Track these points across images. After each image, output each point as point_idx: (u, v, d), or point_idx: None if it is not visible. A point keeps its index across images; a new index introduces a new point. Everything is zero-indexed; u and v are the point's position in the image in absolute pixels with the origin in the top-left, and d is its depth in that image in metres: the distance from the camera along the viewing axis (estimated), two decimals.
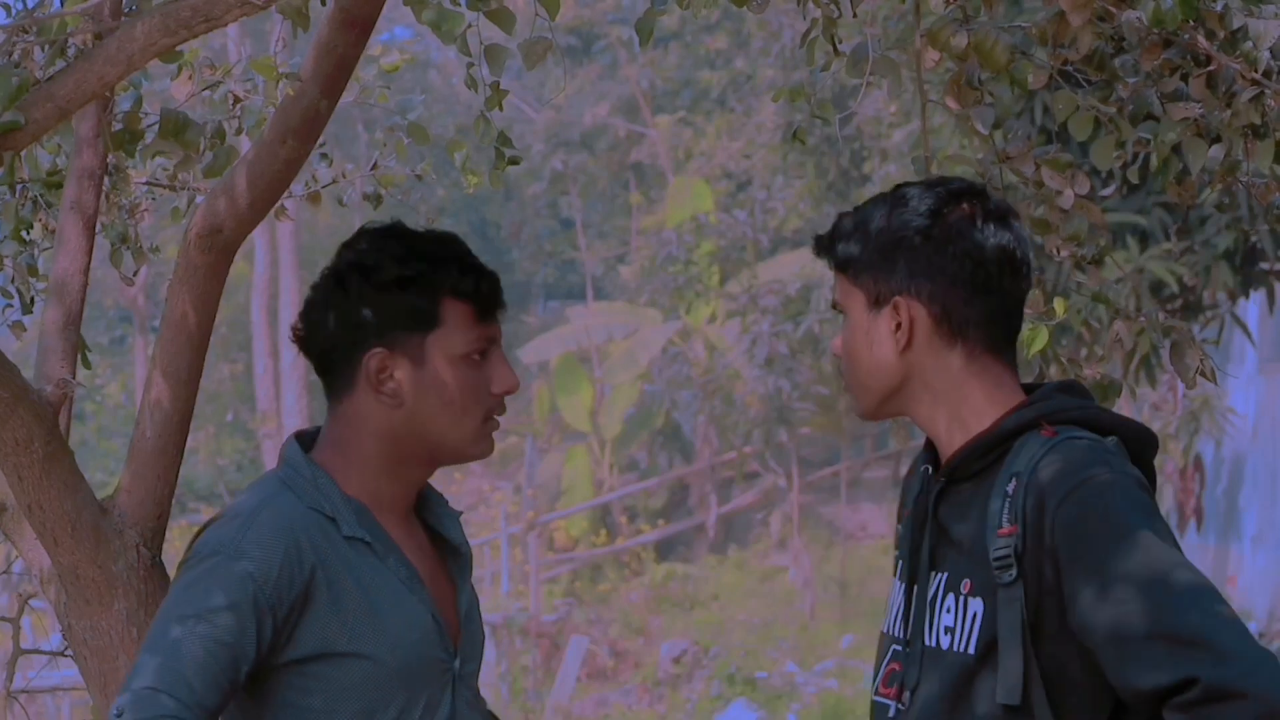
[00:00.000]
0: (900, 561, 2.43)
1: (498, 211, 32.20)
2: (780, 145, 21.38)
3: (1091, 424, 2.31)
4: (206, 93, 3.72)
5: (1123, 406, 14.53)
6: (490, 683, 17.97)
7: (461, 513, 2.58)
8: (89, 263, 3.26)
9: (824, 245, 2.42)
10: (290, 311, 27.69)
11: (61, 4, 3.01)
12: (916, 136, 13.73)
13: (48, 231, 3.73)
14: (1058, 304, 3.05)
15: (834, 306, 2.43)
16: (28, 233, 3.78)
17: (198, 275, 3.06)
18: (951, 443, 2.35)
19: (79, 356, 3.27)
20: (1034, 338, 3.05)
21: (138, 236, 3.91)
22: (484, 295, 2.41)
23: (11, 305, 3.90)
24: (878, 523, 22.59)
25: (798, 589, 21.18)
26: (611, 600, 21.66)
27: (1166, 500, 15.30)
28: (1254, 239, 9.28)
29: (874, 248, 2.34)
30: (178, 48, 2.84)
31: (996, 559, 2.23)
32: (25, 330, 3.98)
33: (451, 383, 2.39)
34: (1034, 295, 3.04)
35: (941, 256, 2.31)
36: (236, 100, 3.72)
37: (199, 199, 3.90)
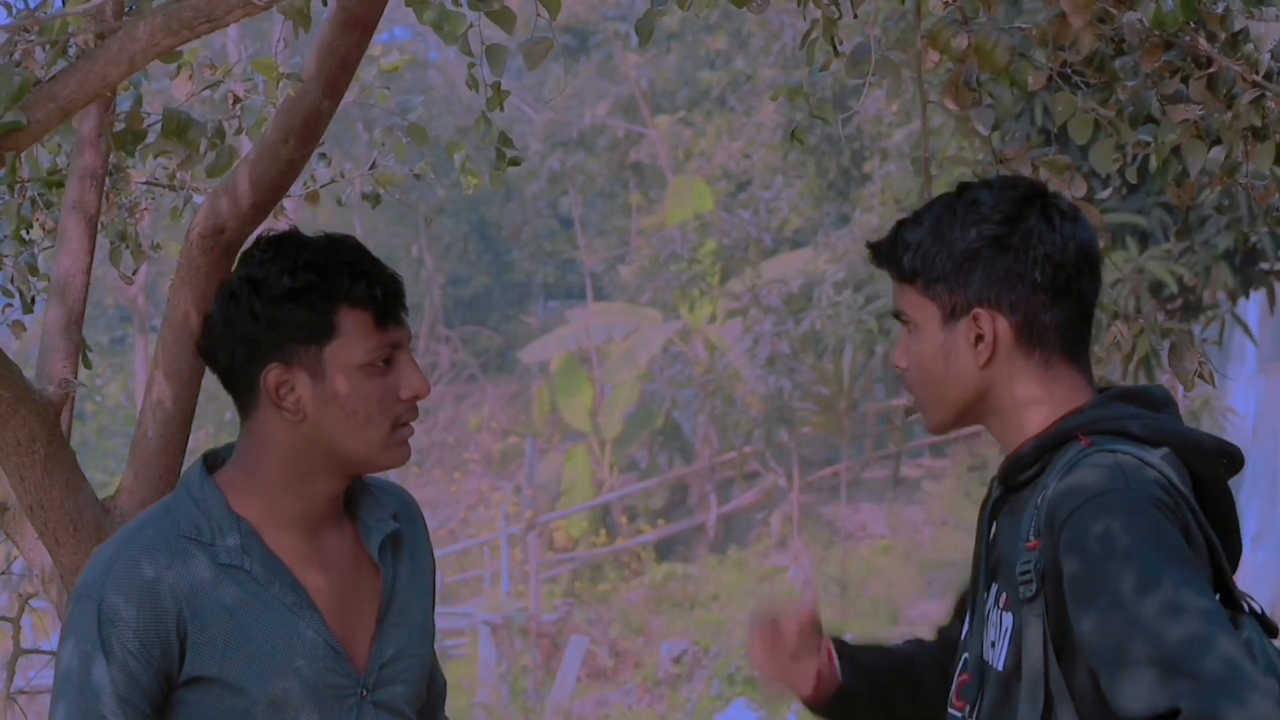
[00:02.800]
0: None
1: (498, 211, 32.18)
2: (780, 145, 21.38)
3: (1136, 434, 2.22)
4: (207, 92, 3.73)
5: None
6: (490, 683, 17.98)
7: (394, 526, 2.46)
8: (91, 262, 3.26)
9: (886, 255, 2.33)
10: None
11: (63, 4, 3.01)
12: (916, 137, 13.71)
13: (46, 231, 3.73)
14: None
15: (896, 317, 2.35)
16: (28, 232, 3.78)
17: (199, 275, 3.06)
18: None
19: (80, 356, 3.28)
20: None
21: (137, 235, 3.91)
22: (381, 301, 2.34)
23: (12, 305, 3.90)
24: (878, 523, 22.58)
25: (798, 589, 21.17)
26: (611, 600, 21.66)
27: None
28: (1254, 240, 9.29)
29: (948, 258, 2.26)
30: (179, 48, 2.84)
31: (1021, 573, 2.19)
32: (25, 330, 3.98)
33: (353, 394, 2.31)
34: None
35: (1022, 263, 2.24)
36: (236, 100, 3.73)
37: (197, 199, 3.91)
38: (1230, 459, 2.26)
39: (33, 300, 3.82)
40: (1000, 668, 2.23)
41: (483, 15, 2.76)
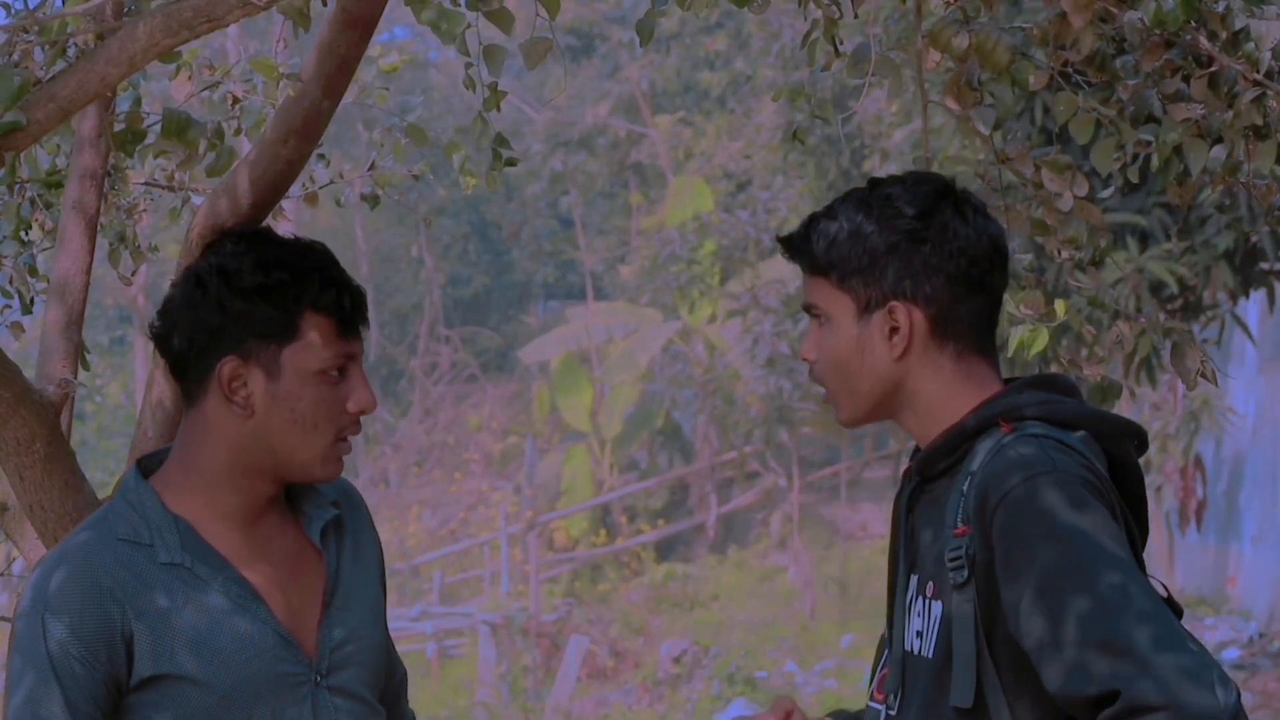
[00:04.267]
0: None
1: (498, 211, 32.19)
2: (780, 145, 21.39)
3: (1055, 419, 2.25)
4: (206, 93, 3.72)
5: (1122, 407, 14.53)
6: (490, 683, 17.98)
7: (333, 512, 2.46)
8: (90, 263, 3.26)
9: (799, 249, 2.35)
10: None
11: (63, 4, 3.01)
12: (917, 136, 13.71)
13: (45, 232, 3.73)
14: (1058, 305, 3.04)
15: (807, 310, 2.37)
16: (27, 233, 3.78)
17: None
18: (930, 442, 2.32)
19: (79, 357, 3.27)
20: (1034, 339, 3.04)
21: (136, 236, 3.91)
22: (346, 310, 2.34)
23: (11, 306, 3.90)
24: (878, 523, 22.59)
25: (798, 589, 21.18)
26: (611, 600, 21.67)
27: (1166, 500, 15.31)
28: (1254, 239, 9.28)
29: (864, 251, 2.28)
30: (179, 48, 2.84)
31: (950, 560, 2.20)
32: (24, 331, 3.98)
33: (305, 398, 2.31)
34: (1034, 296, 3.03)
35: (937, 257, 2.27)
36: (235, 101, 3.72)
37: (195, 200, 3.90)
38: (1139, 440, 2.31)
39: (32, 301, 3.82)
40: (931, 656, 2.24)
41: (481, 15, 2.75)
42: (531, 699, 18.24)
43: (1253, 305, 11.45)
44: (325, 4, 3.24)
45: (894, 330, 2.28)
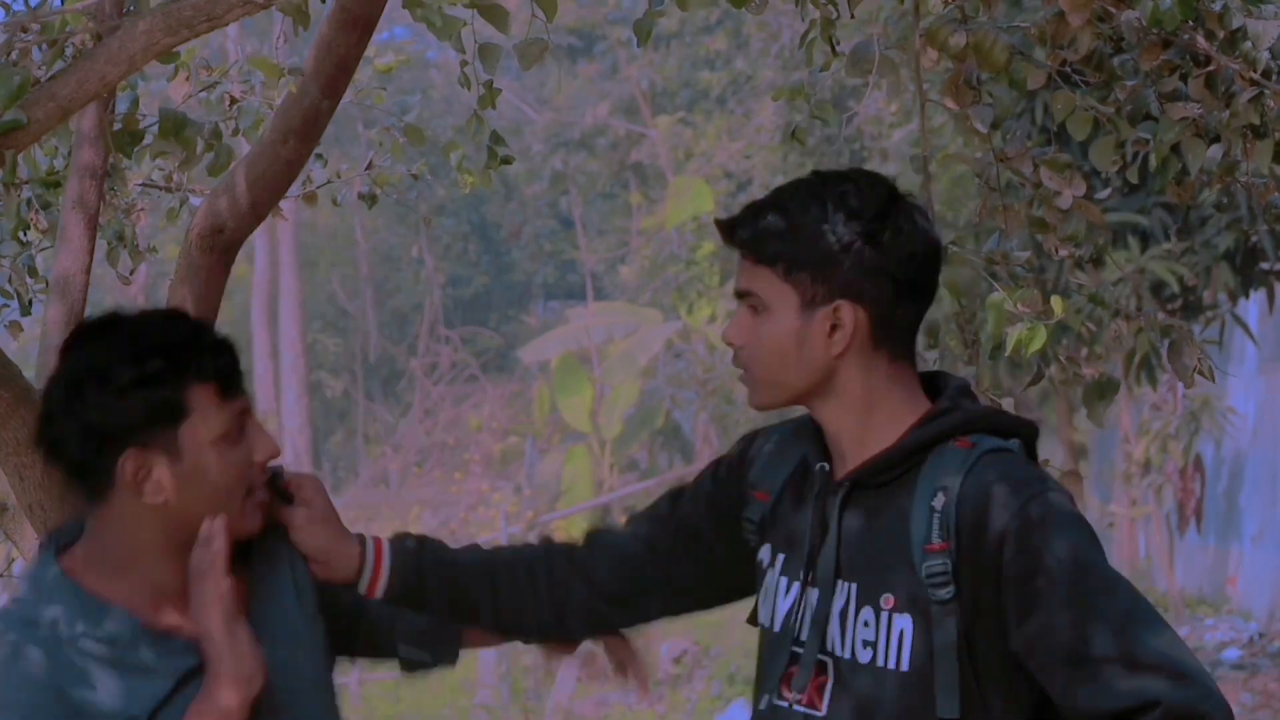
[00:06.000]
0: (785, 557, 2.39)
1: (498, 211, 32.19)
2: (780, 146, 21.37)
3: (996, 429, 2.29)
4: (203, 94, 3.73)
5: (1122, 407, 14.53)
6: (490, 683, 17.97)
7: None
8: (90, 261, 3.26)
9: (744, 238, 2.33)
10: (290, 312, 27.72)
11: (61, 3, 3.01)
12: (916, 136, 13.71)
13: (43, 232, 3.73)
14: (1056, 303, 3.04)
15: (741, 295, 2.34)
16: (26, 233, 3.78)
17: (199, 275, 3.06)
18: (860, 446, 2.31)
19: None
20: (1032, 337, 3.04)
21: (134, 236, 3.91)
22: (226, 371, 2.32)
23: (10, 305, 3.90)
24: None
25: None
26: None
27: (1166, 500, 15.31)
28: (1254, 239, 9.28)
29: (817, 248, 2.27)
30: (177, 48, 2.84)
31: (930, 576, 2.21)
32: (23, 330, 3.98)
33: (212, 467, 2.29)
34: (1032, 294, 3.03)
35: (888, 260, 2.27)
36: (233, 101, 3.73)
37: (194, 200, 3.91)
38: (1037, 433, 2.36)
39: (30, 301, 3.82)
40: (904, 669, 2.24)
41: (477, 14, 2.75)
42: (531, 699, 18.24)
43: (1253, 305, 11.45)
44: (324, 3, 3.24)
45: (835, 328, 2.28)
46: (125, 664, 2.28)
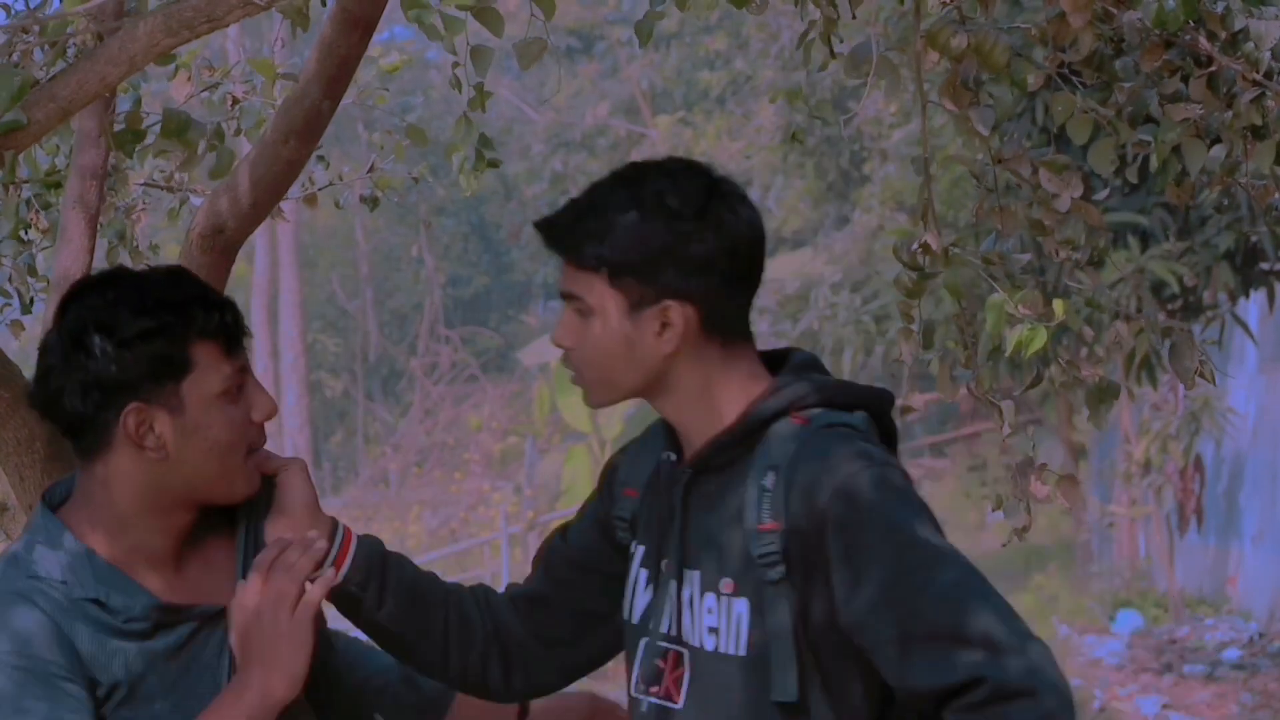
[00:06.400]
0: (644, 549, 2.38)
1: (498, 211, 32.19)
2: (780, 146, 21.37)
3: (837, 403, 2.27)
4: (205, 93, 3.73)
5: (1122, 407, 14.53)
6: None
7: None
8: (91, 261, 3.26)
9: (565, 244, 2.30)
10: (290, 311, 27.72)
11: (60, 4, 3.01)
12: (916, 136, 13.70)
13: (43, 232, 3.73)
14: (1057, 305, 3.03)
15: (565, 297, 2.32)
16: (26, 232, 3.78)
17: (200, 274, 3.05)
18: (702, 433, 2.30)
19: None
20: (1032, 338, 3.03)
21: (135, 235, 3.91)
22: (230, 328, 2.33)
23: (10, 305, 3.91)
24: None
25: None
26: None
27: (1166, 500, 15.31)
28: (1254, 239, 9.28)
29: (638, 251, 2.25)
30: (178, 48, 2.84)
31: (761, 556, 2.19)
32: (24, 329, 3.98)
33: (214, 423, 2.30)
34: (1032, 295, 3.03)
35: (711, 255, 2.25)
36: (235, 101, 3.73)
37: (194, 200, 3.91)
38: (893, 403, 2.34)
39: (31, 300, 3.82)
40: (741, 653, 2.22)
41: (470, 15, 2.75)
42: None
43: (1253, 305, 11.45)
44: (325, 4, 3.24)
45: (665, 326, 2.26)
46: (117, 629, 2.29)
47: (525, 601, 2.51)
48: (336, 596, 2.42)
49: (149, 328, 2.27)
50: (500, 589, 2.54)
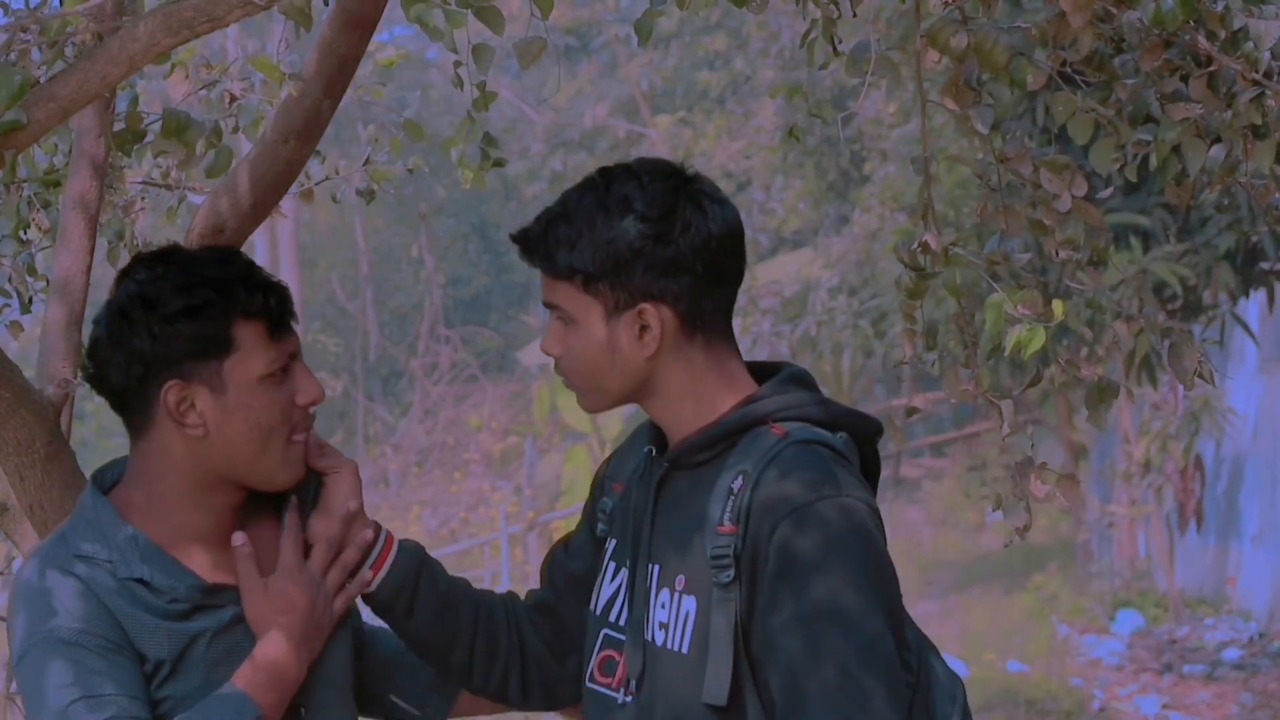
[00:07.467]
0: (616, 542, 2.40)
1: (498, 211, 32.21)
2: (780, 145, 21.38)
3: (820, 420, 2.28)
4: (203, 92, 3.72)
5: (1122, 407, 14.53)
6: None
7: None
8: (91, 261, 3.26)
9: (539, 254, 2.33)
10: None
11: (60, 4, 3.01)
12: (916, 136, 13.71)
13: (43, 231, 3.73)
14: (1057, 305, 3.03)
15: (548, 306, 2.35)
16: (26, 232, 3.78)
17: None
18: (683, 431, 2.33)
19: (79, 357, 3.27)
20: (1031, 338, 3.03)
21: (134, 234, 3.91)
22: (275, 311, 2.35)
23: (10, 305, 3.90)
24: None
25: None
26: None
27: (1166, 501, 15.31)
28: (1254, 239, 9.29)
29: (609, 256, 2.27)
30: (177, 47, 2.84)
31: (715, 557, 2.20)
32: (24, 330, 3.98)
33: (255, 405, 2.32)
34: (1032, 295, 3.03)
35: (683, 254, 2.27)
36: (233, 99, 3.72)
37: (193, 199, 3.91)
38: (880, 433, 2.37)
39: (30, 300, 3.82)
40: (686, 652, 2.23)
41: (471, 13, 2.75)
42: None
43: (1253, 305, 11.45)
44: (326, 3, 3.24)
45: (644, 329, 2.29)
46: (161, 609, 2.32)
47: (537, 613, 2.55)
48: (367, 600, 2.47)
49: (191, 305, 2.30)
50: (500, 589, 2.56)
